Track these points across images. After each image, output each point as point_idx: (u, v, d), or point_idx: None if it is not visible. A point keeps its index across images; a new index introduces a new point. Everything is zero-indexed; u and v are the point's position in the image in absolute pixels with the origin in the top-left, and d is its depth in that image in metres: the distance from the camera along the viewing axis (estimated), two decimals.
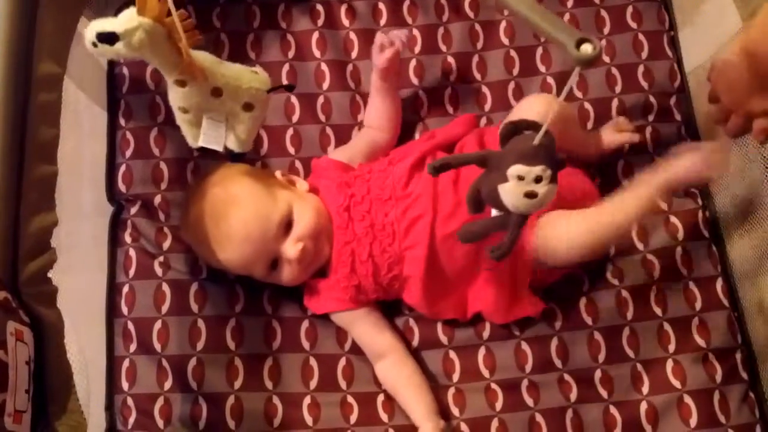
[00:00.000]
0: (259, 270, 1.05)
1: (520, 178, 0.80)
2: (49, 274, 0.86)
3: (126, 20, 0.81)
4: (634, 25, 1.23)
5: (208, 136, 0.91)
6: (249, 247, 1.02)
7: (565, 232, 1.02)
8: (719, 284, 1.12)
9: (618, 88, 1.21)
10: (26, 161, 0.84)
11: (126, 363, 1.07)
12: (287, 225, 1.04)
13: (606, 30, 1.23)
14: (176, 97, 0.89)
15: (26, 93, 0.85)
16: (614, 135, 1.16)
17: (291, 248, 1.03)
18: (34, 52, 0.87)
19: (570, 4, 1.24)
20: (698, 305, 1.11)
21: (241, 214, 1.02)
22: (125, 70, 1.20)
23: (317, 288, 1.09)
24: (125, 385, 1.06)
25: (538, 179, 0.80)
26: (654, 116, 1.20)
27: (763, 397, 1.07)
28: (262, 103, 0.91)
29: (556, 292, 1.12)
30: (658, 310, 1.11)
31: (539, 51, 1.23)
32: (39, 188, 0.86)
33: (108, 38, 0.80)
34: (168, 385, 1.06)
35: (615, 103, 1.20)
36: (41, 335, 0.83)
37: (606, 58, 1.22)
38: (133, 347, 1.08)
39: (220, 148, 0.92)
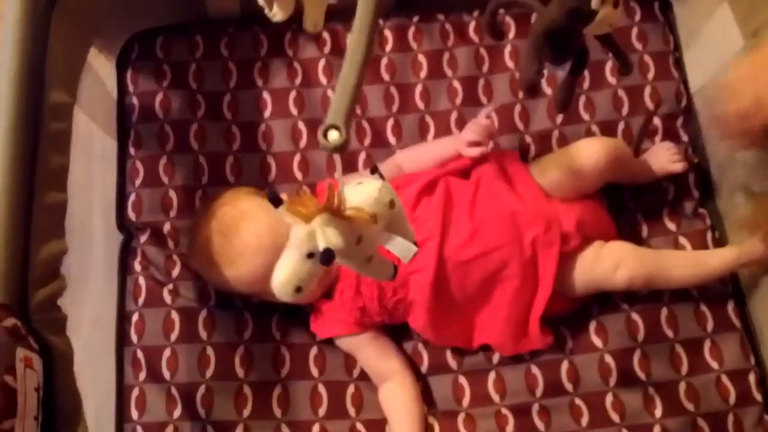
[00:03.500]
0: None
1: None
2: (59, 302, 0.87)
3: (307, 233, 0.67)
4: (639, 46, 1.23)
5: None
6: (262, 258, 1.01)
7: (611, 264, 1.06)
8: (730, 306, 1.11)
9: (625, 111, 1.21)
10: (36, 188, 0.84)
11: (135, 392, 1.07)
12: None
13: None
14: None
15: (37, 122, 0.86)
16: (664, 164, 1.16)
17: None
18: (45, 81, 0.89)
19: None
20: (710, 327, 1.10)
21: (252, 227, 1.03)
22: (135, 100, 1.22)
23: (323, 311, 1.09)
24: (134, 414, 1.06)
25: None
26: (661, 137, 1.20)
27: None
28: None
29: (566, 316, 1.11)
30: (669, 332, 1.10)
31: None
32: (49, 215, 0.87)
33: (327, 258, 0.67)
34: (177, 413, 1.06)
35: (622, 125, 1.20)
36: (51, 362, 0.83)
37: (612, 80, 1.22)
38: (142, 375, 1.08)
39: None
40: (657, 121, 1.20)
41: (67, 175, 0.92)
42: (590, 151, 1.08)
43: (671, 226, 1.17)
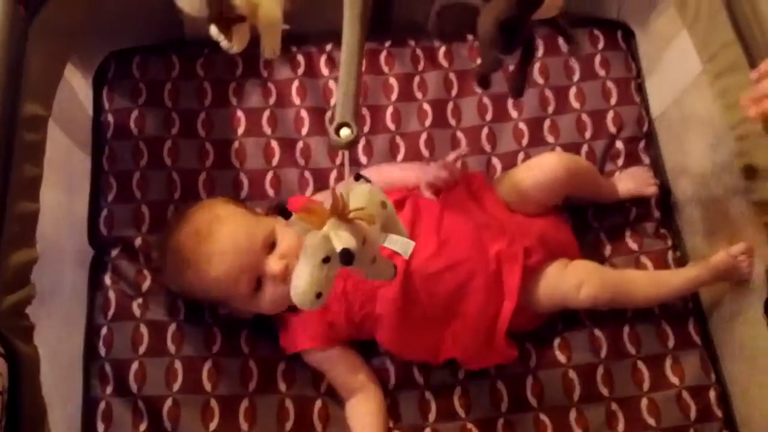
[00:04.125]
0: (244, 289, 1.05)
1: None
2: (27, 310, 0.88)
3: (321, 238, 0.70)
4: (602, 72, 1.28)
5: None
6: (236, 259, 1.03)
7: (575, 281, 1.08)
8: (691, 324, 1.14)
9: (588, 134, 1.25)
10: (9, 197, 0.86)
11: (102, 405, 1.07)
12: (271, 244, 1.06)
13: (575, 77, 1.28)
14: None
15: (11, 131, 0.87)
16: (630, 185, 1.21)
17: (275, 263, 1.05)
18: (21, 93, 0.90)
19: (540, 53, 1.29)
20: (671, 344, 1.13)
21: (228, 229, 1.05)
22: (110, 117, 1.24)
23: (292, 325, 1.10)
24: (101, 428, 1.06)
25: None
26: (623, 160, 1.24)
27: None
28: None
29: (531, 331, 1.13)
30: (631, 349, 1.12)
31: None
32: (20, 224, 0.87)
33: (347, 258, 0.69)
34: (143, 426, 1.05)
35: (585, 148, 1.24)
36: (17, 369, 0.83)
37: (576, 105, 1.26)
38: (109, 389, 1.08)
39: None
40: (620, 144, 1.24)
41: (40, 185, 0.93)
42: (548, 164, 1.12)
43: (633, 245, 1.20)
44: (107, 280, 1.14)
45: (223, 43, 0.99)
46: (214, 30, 0.98)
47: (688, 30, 1.12)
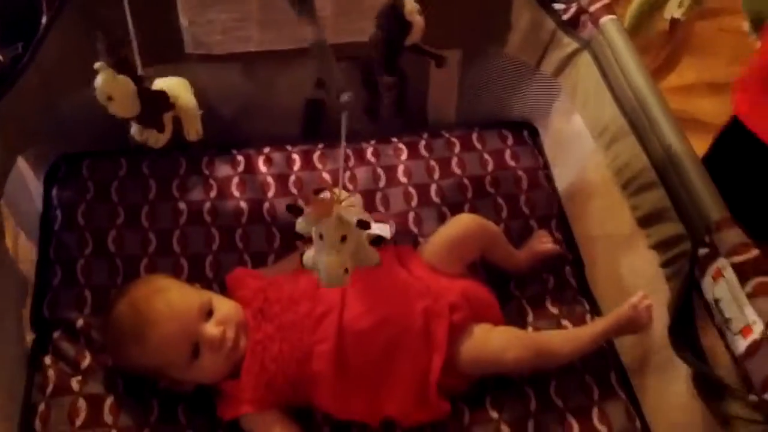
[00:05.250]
0: (182, 355, 1.08)
1: None
2: None
3: (336, 219, 0.83)
4: (512, 163, 1.42)
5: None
6: (173, 325, 1.07)
7: (500, 344, 1.15)
8: (613, 376, 1.20)
9: (504, 214, 1.37)
10: None
11: None
12: (208, 312, 1.11)
13: (489, 168, 1.42)
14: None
15: None
16: (539, 246, 1.31)
17: (212, 328, 1.09)
18: None
19: (457, 149, 1.44)
20: (596, 396, 1.18)
21: (164, 297, 1.10)
22: (58, 212, 1.31)
23: (229, 391, 1.12)
24: None
25: None
26: None
27: None
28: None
29: (463, 392, 1.18)
30: (559, 402, 1.17)
31: (433, 186, 1.40)
32: None
33: (365, 224, 0.84)
34: None
35: (502, 226, 1.35)
36: None
37: (491, 190, 1.39)
38: None
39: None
40: (533, 223, 1.37)
41: None
42: (463, 220, 1.26)
43: (554, 310, 1.28)
44: (47, 360, 1.16)
45: (151, 139, 1.11)
46: (136, 129, 1.10)
47: (580, 114, 1.29)
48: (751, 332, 0.93)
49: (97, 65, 1.01)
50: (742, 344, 0.94)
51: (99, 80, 1.01)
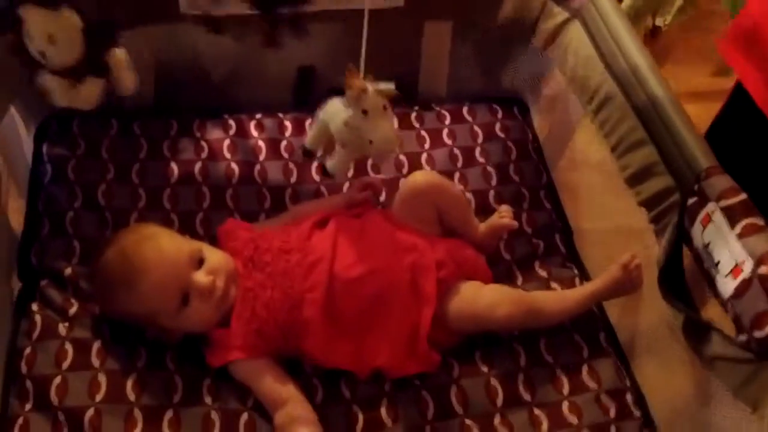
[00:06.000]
0: (171, 303, 1.08)
1: None
2: None
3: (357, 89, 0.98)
4: (502, 135, 1.45)
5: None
6: (162, 272, 1.06)
7: (490, 300, 1.15)
8: (602, 336, 1.21)
9: (494, 182, 1.39)
10: None
11: (20, 420, 1.03)
12: (198, 261, 1.10)
13: (479, 139, 1.44)
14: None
15: None
16: (496, 220, 1.31)
17: (202, 277, 1.08)
18: None
19: (447, 120, 1.46)
20: (585, 354, 1.19)
21: (153, 244, 1.09)
22: (48, 167, 1.30)
23: (219, 339, 1.11)
24: None
25: None
26: (528, 204, 1.37)
27: None
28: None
29: (452, 347, 1.18)
30: (549, 358, 1.17)
31: (424, 156, 1.42)
32: None
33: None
34: None
35: (492, 194, 1.37)
36: None
37: (481, 160, 1.41)
38: (28, 405, 1.04)
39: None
40: (524, 191, 1.38)
41: None
42: (412, 177, 1.25)
43: (543, 273, 1.29)
44: (34, 306, 1.15)
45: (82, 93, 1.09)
46: (60, 84, 1.03)
47: (570, 82, 1.32)
48: (741, 272, 0.94)
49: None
50: (731, 285, 0.95)
51: (34, 19, 0.82)
